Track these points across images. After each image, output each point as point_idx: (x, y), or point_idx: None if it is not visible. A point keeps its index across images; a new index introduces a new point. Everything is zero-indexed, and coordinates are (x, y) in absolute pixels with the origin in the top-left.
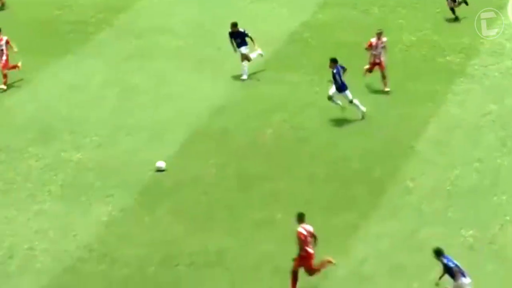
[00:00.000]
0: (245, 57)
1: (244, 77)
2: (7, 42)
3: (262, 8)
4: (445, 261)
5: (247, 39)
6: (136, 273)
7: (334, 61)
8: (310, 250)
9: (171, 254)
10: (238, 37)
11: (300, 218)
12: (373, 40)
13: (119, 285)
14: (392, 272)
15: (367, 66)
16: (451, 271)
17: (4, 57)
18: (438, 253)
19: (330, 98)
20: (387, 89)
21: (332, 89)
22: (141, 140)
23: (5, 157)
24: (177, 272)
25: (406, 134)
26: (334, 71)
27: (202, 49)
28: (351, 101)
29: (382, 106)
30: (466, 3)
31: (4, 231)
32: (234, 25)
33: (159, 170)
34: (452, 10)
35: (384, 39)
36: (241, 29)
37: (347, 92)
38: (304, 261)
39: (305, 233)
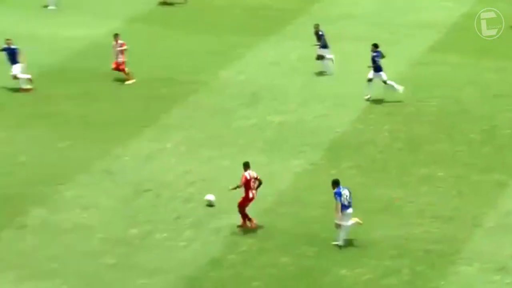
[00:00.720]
0: (320, 57)
1: (329, 71)
2: (121, 45)
3: (431, 0)
4: (336, 191)
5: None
6: (321, 216)
7: (376, 46)
8: (251, 193)
9: None
10: (318, 39)
11: (246, 166)
12: None
13: (306, 224)
14: None
15: None
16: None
17: (120, 59)
18: (335, 184)
19: (385, 82)
20: None
21: (371, 73)
22: (328, 107)
23: (220, 117)
24: None
25: None
26: (374, 54)
27: (379, 33)
28: (385, 81)
29: None
30: None
31: (220, 176)
32: (315, 26)
33: (210, 204)
34: None
35: None
36: (320, 32)
37: (382, 73)
38: (244, 200)
39: (248, 177)
